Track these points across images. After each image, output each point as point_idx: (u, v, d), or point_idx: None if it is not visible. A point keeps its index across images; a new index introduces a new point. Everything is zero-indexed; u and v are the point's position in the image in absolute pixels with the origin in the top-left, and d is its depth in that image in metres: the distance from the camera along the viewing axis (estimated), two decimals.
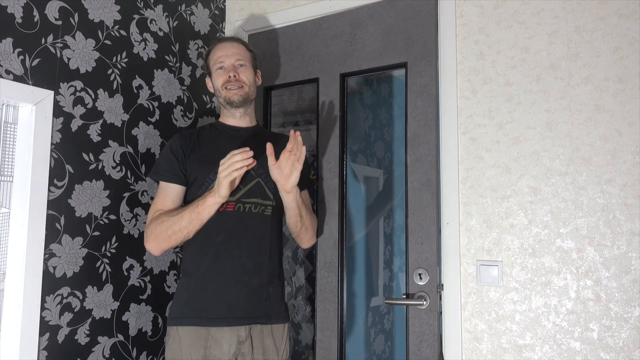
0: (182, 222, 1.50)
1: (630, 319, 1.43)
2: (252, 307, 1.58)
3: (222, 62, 1.67)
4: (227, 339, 1.54)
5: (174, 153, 1.63)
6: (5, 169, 1.54)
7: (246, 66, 1.70)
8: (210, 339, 1.53)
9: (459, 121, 1.72)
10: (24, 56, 1.50)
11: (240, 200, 1.59)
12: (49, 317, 1.54)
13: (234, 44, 1.71)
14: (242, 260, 1.58)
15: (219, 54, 1.69)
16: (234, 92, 1.66)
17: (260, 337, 1.59)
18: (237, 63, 1.68)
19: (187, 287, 1.60)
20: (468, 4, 1.74)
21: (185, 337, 1.54)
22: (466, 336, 1.64)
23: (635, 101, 1.47)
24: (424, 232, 1.71)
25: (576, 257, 1.51)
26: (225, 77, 1.66)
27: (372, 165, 2.81)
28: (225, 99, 1.67)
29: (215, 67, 1.69)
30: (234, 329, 1.55)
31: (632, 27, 1.49)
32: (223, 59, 1.67)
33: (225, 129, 1.71)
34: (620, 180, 1.47)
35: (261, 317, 1.59)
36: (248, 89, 1.68)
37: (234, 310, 1.55)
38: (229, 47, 1.69)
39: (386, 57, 1.86)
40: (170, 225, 1.51)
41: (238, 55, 1.69)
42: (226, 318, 1.54)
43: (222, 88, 1.67)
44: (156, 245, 1.55)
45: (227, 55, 1.68)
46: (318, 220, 1.89)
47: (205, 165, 1.60)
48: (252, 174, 1.61)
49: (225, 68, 1.67)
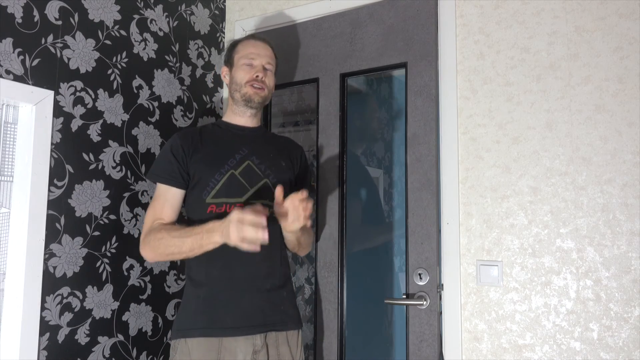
0: (183, 248, 1.41)
1: (630, 319, 1.43)
2: (268, 314, 1.51)
3: (252, 59, 1.63)
4: (242, 349, 1.46)
5: (174, 154, 1.55)
6: (5, 169, 1.54)
7: (272, 71, 1.68)
8: (224, 350, 1.45)
9: (459, 121, 1.72)
10: (24, 56, 1.50)
11: (249, 202, 1.51)
12: (49, 317, 1.54)
13: (267, 46, 1.68)
14: (255, 266, 1.50)
15: (251, 50, 1.64)
16: (256, 92, 1.61)
17: (276, 345, 1.52)
18: (267, 66, 1.65)
19: (196, 295, 1.50)
20: (468, 4, 1.74)
21: (196, 350, 1.45)
22: (466, 336, 1.64)
23: (635, 101, 1.47)
24: (424, 232, 1.71)
25: (576, 257, 1.51)
26: (253, 75, 1.61)
27: (372, 166, 2.81)
28: (245, 96, 1.61)
29: (243, 61, 1.63)
30: (249, 338, 1.47)
31: (632, 27, 1.49)
32: (255, 57, 1.63)
33: (230, 127, 1.66)
34: (620, 180, 1.47)
35: (277, 323, 1.52)
36: (268, 92, 1.66)
37: (251, 318, 1.48)
38: (262, 47, 1.66)
39: (386, 57, 1.86)
40: (170, 245, 1.43)
41: (269, 59, 1.66)
42: (242, 327, 1.46)
43: (245, 84, 1.61)
44: (152, 257, 1.50)
45: (260, 55, 1.64)
46: (318, 220, 1.89)
47: (210, 166, 1.53)
48: (260, 175, 1.57)
49: (254, 66, 1.63)
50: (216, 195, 1.52)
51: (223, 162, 1.55)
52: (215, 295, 1.49)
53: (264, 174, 1.57)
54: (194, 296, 1.51)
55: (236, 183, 1.53)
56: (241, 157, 1.57)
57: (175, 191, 1.55)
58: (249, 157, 1.58)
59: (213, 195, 1.52)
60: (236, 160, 1.56)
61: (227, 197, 1.51)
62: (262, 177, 1.57)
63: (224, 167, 1.54)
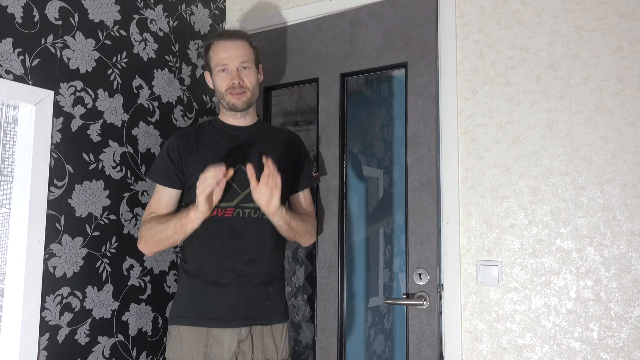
0: (168, 231, 1.52)
1: (630, 319, 1.43)
2: (252, 309, 1.59)
3: (225, 64, 1.61)
4: (227, 337, 1.55)
5: (170, 156, 1.62)
6: (5, 169, 1.54)
7: (250, 67, 1.64)
8: (211, 338, 1.54)
9: (459, 121, 1.72)
10: (24, 56, 1.50)
11: (239, 206, 1.59)
12: (49, 317, 1.54)
13: (237, 43, 1.63)
14: (242, 265, 1.58)
15: (222, 55, 1.62)
16: (238, 98, 1.62)
17: (261, 336, 1.59)
18: (242, 66, 1.62)
19: (188, 287, 1.61)
20: (468, 4, 1.74)
21: (187, 336, 1.55)
22: (466, 336, 1.64)
23: (635, 101, 1.47)
24: (424, 232, 1.71)
25: (576, 257, 1.51)
26: (229, 82, 1.60)
27: (372, 166, 2.81)
28: (229, 104, 1.64)
29: (218, 68, 1.63)
30: (234, 329, 1.56)
31: (632, 27, 1.49)
32: (226, 62, 1.61)
33: (224, 128, 1.70)
34: (620, 180, 1.47)
35: (262, 318, 1.60)
36: (251, 93, 1.64)
37: (235, 312, 1.56)
38: (232, 48, 1.62)
39: (386, 57, 1.86)
40: (158, 232, 1.54)
41: (242, 58, 1.62)
42: (227, 319, 1.55)
43: (226, 93, 1.62)
44: (147, 248, 1.61)
45: (231, 58, 1.61)
46: (318, 220, 1.89)
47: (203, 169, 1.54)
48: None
49: (228, 71, 1.61)
50: None
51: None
52: (204, 289, 1.58)
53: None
54: (186, 287, 1.62)
55: (228, 187, 1.56)
56: (233, 162, 1.59)
57: (171, 191, 1.64)
58: (241, 160, 1.61)
59: None
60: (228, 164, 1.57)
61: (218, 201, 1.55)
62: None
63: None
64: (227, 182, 1.56)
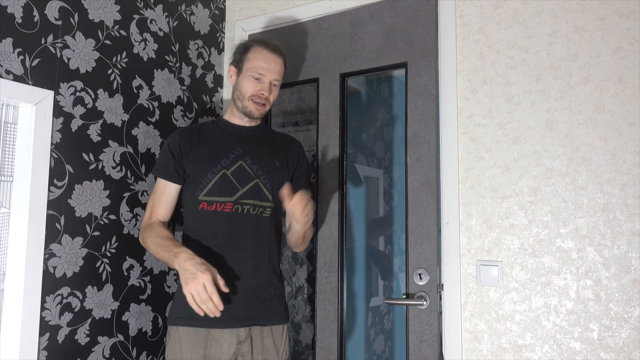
0: (158, 256, 1.54)
1: (630, 319, 1.43)
2: (252, 310, 1.58)
3: (261, 74, 1.63)
4: (227, 338, 1.55)
5: (171, 150, 1.64)
6: (5, 169, 1.54)
7: (277, 86, 1.68)
8: (210, 339, 1.54)
9: (459, 121, 1.72)
10: (24, 56, 1.50)
11: (238, 202, 1.59)
12: (49, 317, 1.54)
13: (278, 60, 1.66)
14: (240, 263, 1.58)
15: (262, 64, 1.63)
16: (257, 108, 1.64)
17: (260, 337, 1.59)
18: (274, 82, 1.66)
19: None
20: (468, 4, 1.74)
21: (186, 337, 1.54)
22: (466, 336, 1.64)
23: (635, 101, 1.47)
24: (424, 232, 1.71)
25: (576, 257, 1.51)
26: (258, 91, 1.63)
27: (372, 165, 2.81)
28: (245, 109, 1.66)
29: (251, 73, 1.63)
30: (233, 330, 1.55)
31: (632, 27, 1.49)
32: (264, 73, 1.63)
33: (227, 126, 1.71)
34: (620, 180, 1.47)
35: (261, 318, 1.60)
36: (269, 107, 1.69)
37: (234, 312, 1.55)
38: (273, 62, 1.64)
39: (386, 57, 1.86)
40: (152, 248, 1.56)
41: (277, 75, 1.66)
42: (226, 320, 1.54)
43: (248, 98, 1.64)
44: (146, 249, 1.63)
45: (270, 71, 1.63)
46: (318, 220, 1.89)
47: (204, 164, 1.60)
48: (251, 175, 1.62)
49: (262, 82, 1.63)
50: (208, 193, 1.59)
51: (216, 161, 1.62)
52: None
53: (256, 175, 1.62)
54: None
55: (227, 182, 1.59)
56: (234, 157, 1.63)
57: (172, 186, 1.63)
58: (242, 157, 1.64)
59: (205, 193, 1.59)
60: (229, 160, 1.62)
61: (218, 195, 1.59)
62: (254, 177, 1.62)
63: (217, 166, 1.61)
64: (227, 178, 1.60)
